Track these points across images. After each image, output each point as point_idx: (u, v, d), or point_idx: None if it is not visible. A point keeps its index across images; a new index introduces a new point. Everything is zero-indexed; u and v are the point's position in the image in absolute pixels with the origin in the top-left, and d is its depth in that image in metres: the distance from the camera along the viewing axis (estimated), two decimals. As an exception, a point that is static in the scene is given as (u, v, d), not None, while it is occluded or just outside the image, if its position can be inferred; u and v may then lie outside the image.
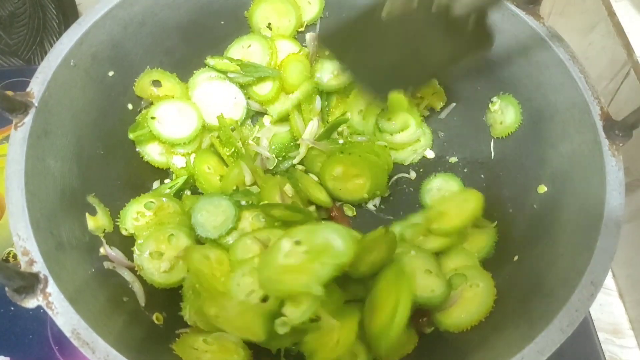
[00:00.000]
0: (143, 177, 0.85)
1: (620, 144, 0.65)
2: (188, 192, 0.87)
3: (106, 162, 0.76)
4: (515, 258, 0.72)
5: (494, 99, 0.84)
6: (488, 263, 0.78)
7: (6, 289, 0.53)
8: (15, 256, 0.90)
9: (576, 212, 0.66)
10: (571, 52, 0.71)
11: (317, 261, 0.62)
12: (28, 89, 0.65)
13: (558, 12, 1.27)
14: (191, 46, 0.86)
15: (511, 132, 0.82)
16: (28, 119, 0.63)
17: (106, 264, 0.70)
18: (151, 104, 0.84)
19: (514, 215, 0.78)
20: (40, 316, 0.84)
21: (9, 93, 1.06)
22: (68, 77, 0.69)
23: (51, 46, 0.68)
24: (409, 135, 0.90)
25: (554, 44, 0.72)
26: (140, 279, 0.73)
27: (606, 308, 0.99)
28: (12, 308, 0.85)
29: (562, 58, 0.71)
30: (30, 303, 0.54)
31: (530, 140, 0.78)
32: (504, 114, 0.82)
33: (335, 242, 0.63)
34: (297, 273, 0.62)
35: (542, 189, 0.73)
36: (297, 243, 0.64)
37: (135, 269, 0.74)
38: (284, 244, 0.65)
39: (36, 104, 0.64)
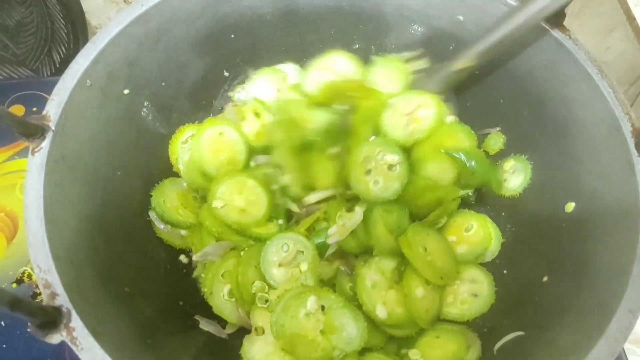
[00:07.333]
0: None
1: (654, 162, 0.63)
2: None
3: (123, 183, 0.74)
4: (545, 279, 0.71)
5: (509, 160, 0.84)
6: (515, 282, 0.77)
7: (29, 324, 0.51)
8: (30, 276, 0.88)
9: (608, 233, 0.64)
10: (599, 66, 0.69)
11: (329, 338, 0.65)
12: (44, 112, 0.62)
13: (573, 14, 1.24)
14: (206, 61, 0.84)
15: (511, 196, 0.83)
16: (45, 144, 0.61)
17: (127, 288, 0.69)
18: None
19: (541, 233, 0.77)
20: (57, 338, 0.82)
21: (20, 108, 1.05)
22: (84, 98, 0.67)
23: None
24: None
25: (580, 57, 0.70)
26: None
27: (628, 319, 0.98)
28: (29, 330, 0.83)
29: (589, 72, 0.69)
30: (54, 339, 0.52)
31: (557, 157, 0.76)
32: (512, 176, 0.83)
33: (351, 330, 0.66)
34: (310, 344, 0.65)
35: (570, 207, 0.72)
36: (323, 309, 0.67)
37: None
38: (311, 303, 0.66)
39: (53, 128, 0.62)
